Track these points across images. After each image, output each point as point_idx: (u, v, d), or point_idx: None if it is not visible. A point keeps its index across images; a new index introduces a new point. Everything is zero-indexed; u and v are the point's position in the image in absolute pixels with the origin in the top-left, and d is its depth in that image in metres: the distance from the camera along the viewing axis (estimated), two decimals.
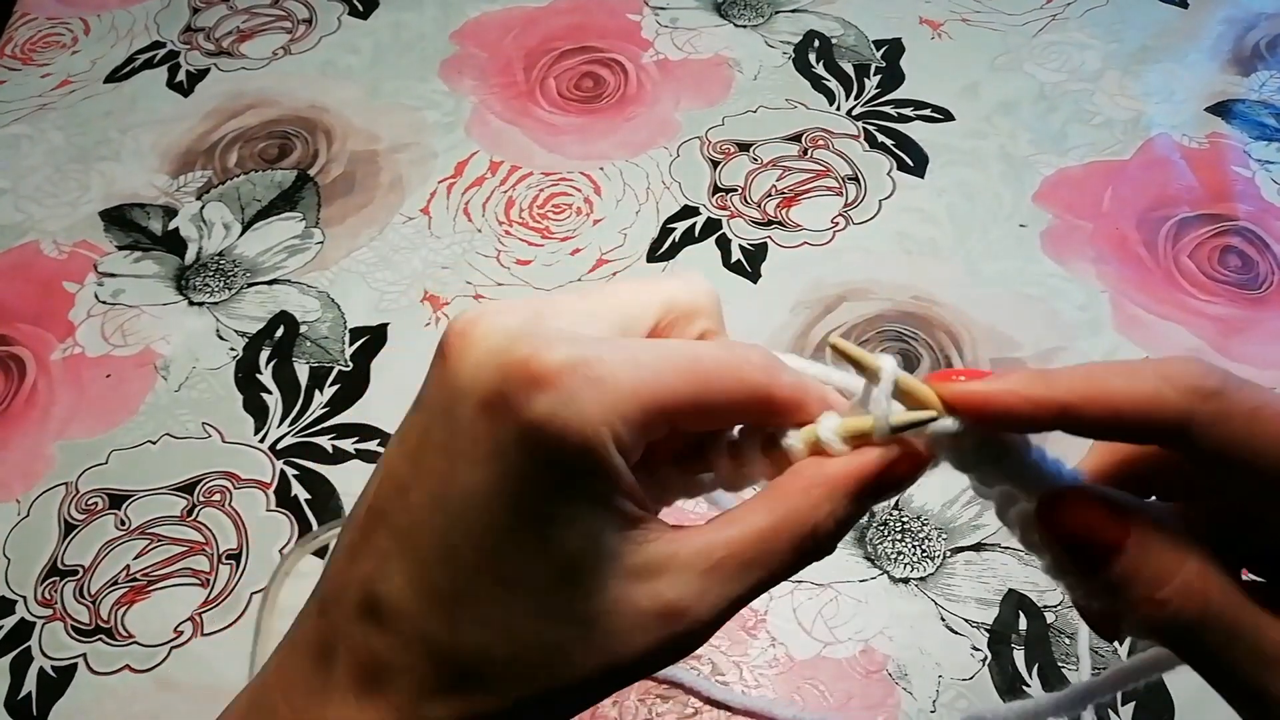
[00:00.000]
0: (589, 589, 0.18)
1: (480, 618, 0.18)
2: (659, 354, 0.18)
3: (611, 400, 0.17)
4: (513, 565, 0.18)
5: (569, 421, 0.17)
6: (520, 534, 0.18)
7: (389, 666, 0.18)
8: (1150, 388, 0.18)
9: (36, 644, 0.41)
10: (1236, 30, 0.65)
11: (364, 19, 0.68)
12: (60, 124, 0.62)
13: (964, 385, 0.20)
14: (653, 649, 0.18)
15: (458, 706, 0.18)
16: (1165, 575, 0.18)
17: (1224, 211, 0.55)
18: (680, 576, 0.18)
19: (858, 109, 0.60)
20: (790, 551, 0.19)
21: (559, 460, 0.17)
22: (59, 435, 0.48)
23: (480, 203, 0.57)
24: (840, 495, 0.19)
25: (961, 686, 0.39)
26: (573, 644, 0.18)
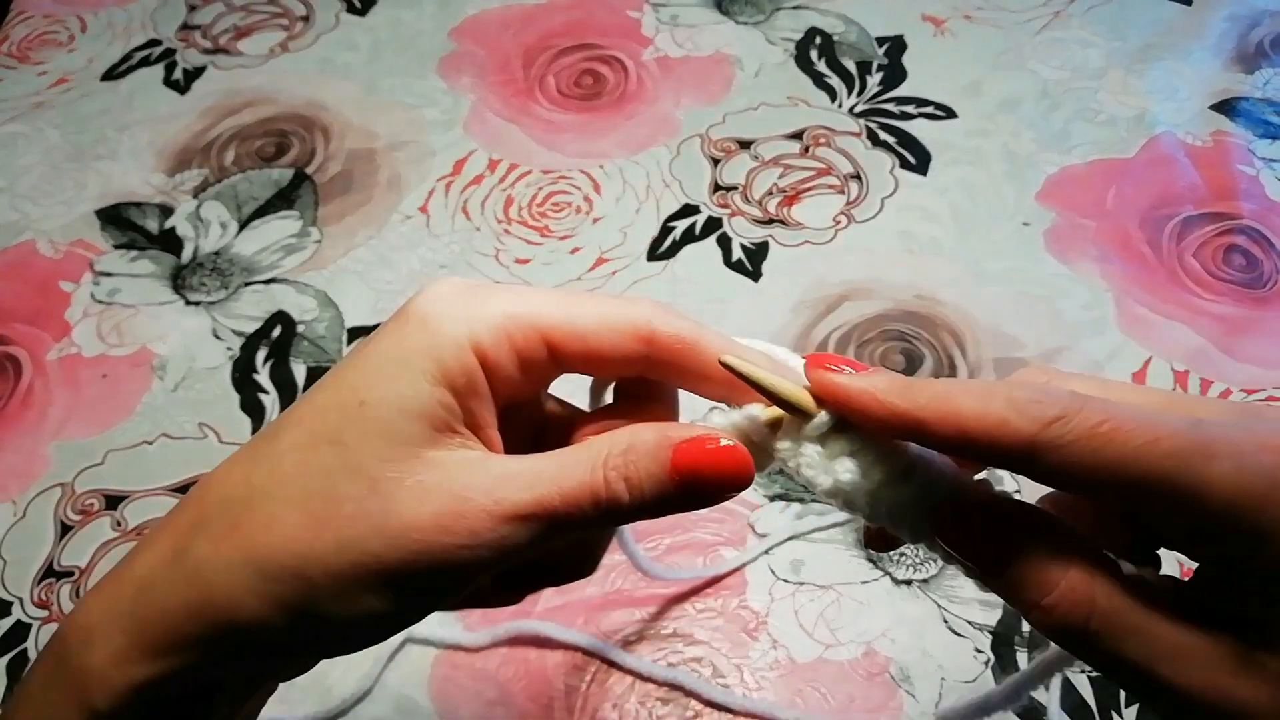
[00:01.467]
0: (384, 454, 0.19)
1: (275, 461, 0.20)
2: (540, 289, 0.21)
3: (479, 307, 0.20)
4: (325, 416, 0.20)
5: (433, 308, 0.20)
6: (341, 384, 0.20)
7: (183, 507, 0.21)
8: (997, 415, 0.18)
9: (33, 646, 0.41)
10: (1240, 28, 0.64)
11: (362, 16, 0.68)
12: (56, 122, 0.61)
13: (831, 377, 0.20)
14: (430, 524, 0.19)
15: (225, 544, 0.19)
16: (1049, 583, 0.19)
17: (1228, 210, 0.54)
18: (478, 473, 0.19)
19: (860, 106, 0.60)
20: (581, 479, 0.20)
21: (408, 335, 0.20)
22: (55, 435, 0.47)
23: (479, 201, 0.56)
24: (640, 440, 0.20)
25: (965, 689, 0.38)
26: (353, 502, 0.19)
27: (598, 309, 0.21)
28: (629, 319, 0.21)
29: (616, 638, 0.40)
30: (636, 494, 0.20)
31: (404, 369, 0.20)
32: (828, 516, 0.43)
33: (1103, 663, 0.19)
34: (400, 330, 0.20)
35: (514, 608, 0.40)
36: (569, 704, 0.38)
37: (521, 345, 0.21)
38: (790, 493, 0.44)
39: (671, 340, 0.21)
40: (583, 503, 0.20)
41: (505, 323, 0.20)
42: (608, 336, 0.21)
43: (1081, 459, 0.18)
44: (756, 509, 0.43)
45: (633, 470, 0.20)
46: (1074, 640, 0.19)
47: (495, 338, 0.20)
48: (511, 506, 0.19)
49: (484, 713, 0.38)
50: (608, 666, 0.39)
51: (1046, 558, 0.19)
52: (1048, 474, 0.18)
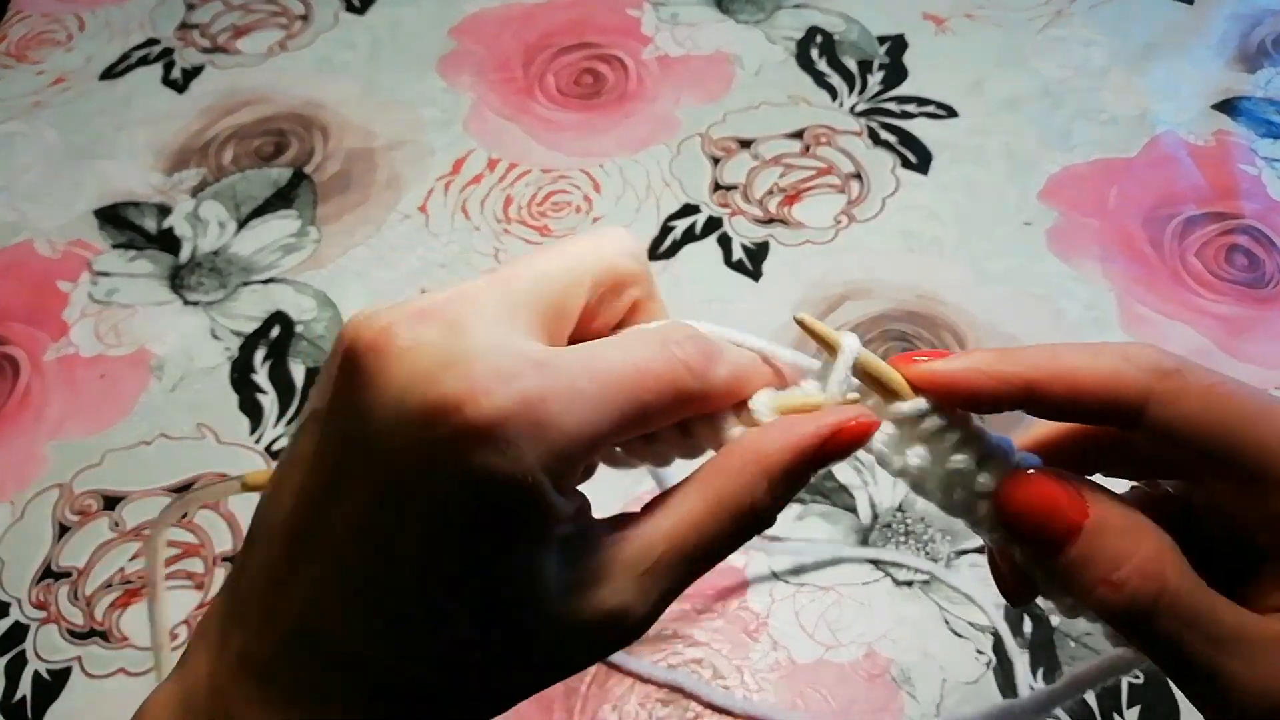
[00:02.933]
0: (531, 613, 0.18)
1: (417, 645, 0.18)
2: (600, 381, 0.17)
3: (552, 444, 0.16)
4: (455, 608, 0.17)
5: (508, 471, 0.16)
6: (455, 574, 0.17)
7: (329, 688, 0.18)
8: (1111, 366, 0.18)
9: (31, 647, 0.41)
10: (1242, 27, 0.64)
11: (361, 14, 0.67)
12: (54, 122, 0.61)
13: (930, 365, 0.20)
14: (595, 653, 0.19)
15: (394, 712, 0.18)
16: (1122, 556, 0.18)
17: (1230, 210, 0.54)
18: (620, 582, 0.18)
19: (861, 105, 0.60)
20: (730, 534, 0.19)
21: (496, 508, 0.16)
22: (52, 436, 0.47)
23: (478, 200, 0.56)
24: (776, 470, 0.19)
25: (966, 690, 0.38)
26: (511, 658, 0.18)
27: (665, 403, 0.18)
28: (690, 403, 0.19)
29: None
30: (783, 505, 0.19)
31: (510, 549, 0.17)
32: (828, 517, 0.43)
33: (1161, 644, 0.18)
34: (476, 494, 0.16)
35: None
36: (568, 705, 0.38)
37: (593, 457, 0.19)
38: None
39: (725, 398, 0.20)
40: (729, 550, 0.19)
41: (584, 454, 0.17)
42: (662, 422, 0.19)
43: (1194, 415, 0.18)
44: None
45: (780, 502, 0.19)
46: (1137, 620, 0.18)
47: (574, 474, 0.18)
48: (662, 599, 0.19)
49: None
50: (607, 668, 0.39)
51: (1121, 528, 0.18)
52: (1157, 427, 0.18)
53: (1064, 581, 0.19)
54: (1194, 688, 0.18)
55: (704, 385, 0.19)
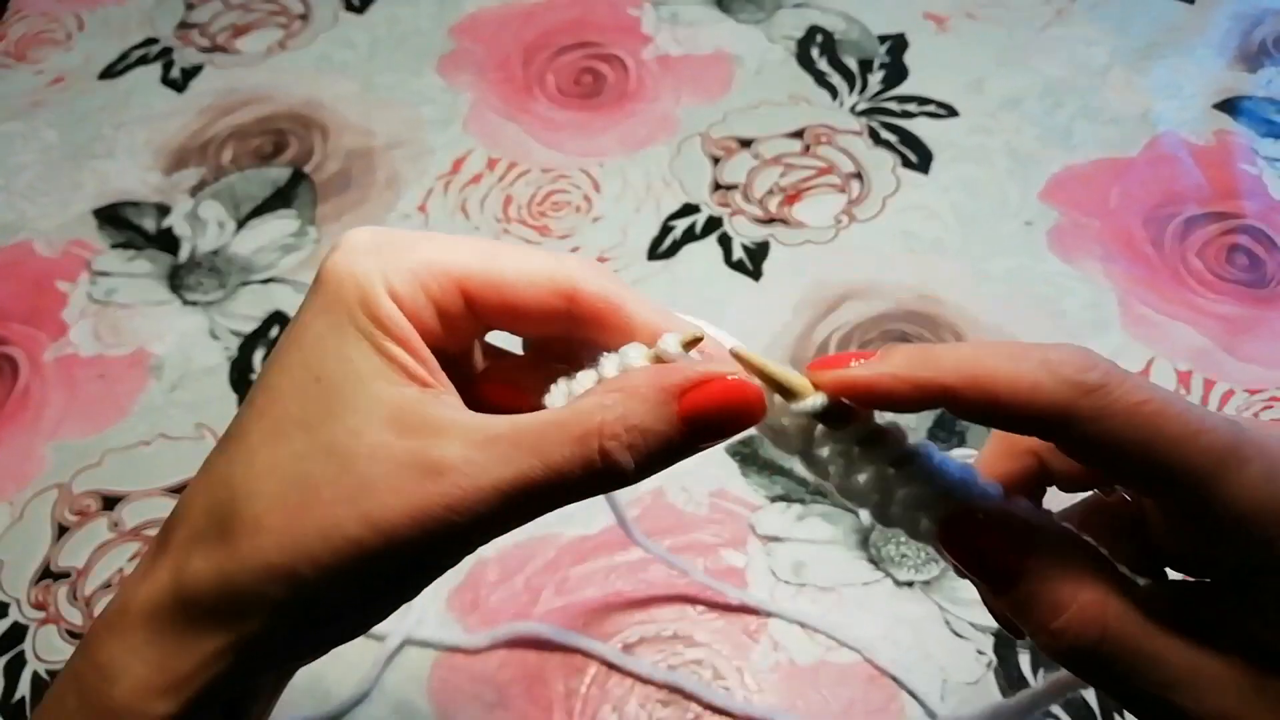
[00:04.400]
0: (350, 428, 0.18)
1: (249, 458, 0.19)
2: (460, 239, 0.21)
3: (392, 257, 0.20)
4: (277, 396, 0.19)
5: (346, 264, 0.19)
6: (290, 364, 0.19)
7: (174, 523, 0.20)
8: (1031, 378, 0.18)
9: (30, 648, 0.41)
10: (1244, 26, 0.64)
11: (360, 14, 0.67)
12: (53, 121, 0.61)
13: (841, 371, 0.19)
14: (411, 510, 0.18)
15: (212, 553, 0.18)
16: (1061, 604, 0.18)
17: (1231, 209, 0.54)
18: (449, 440, 0.18)
19: (861, 105, 0.60)
20: (572, 448, 0.18)
21: (331, 297, 0.19)
22: (52, 436, 0.47)
23: (478, 200, 0.56)
24: (635, 400, 0.18)
25: (967, 691, 0.38)
26: (328, 485, 0.18)
27: (519, 262, 0.20)
28: (551, 273, 0.20)
29: (616, 640, 0.40)
30: (641, 459, 0.18)
31: (341, 333, 0.19)
32: (828, 517, 0.43)
33: (1113, 688, 0.18)
34: (325, 294, 0.20)
35: (514, 609, 0.40)
36: (568, 707, 0.38)
37: (438, 295, 0.20)
38: (791, 494, 0.43)
39: (595, 299, 0.20)
40: (572, 472, 0.18)
41: (420, 270, 0.20)
42: (527, 290, 0.20)
43: (1118, 434, 0.17)
44: (757, 510, 0.43)
45: (637, 440, 0.18)
46: (1083, 665, 0.18)
47: (408, 284, 0.19)
48: (491, 483, 0.18)
49: (483, 715, 0.38)
50: (607, 669, 0.39)
51: (1058, 577, 0.18)
52: (1079, 444, 0.18)
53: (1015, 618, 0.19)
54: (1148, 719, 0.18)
55: (570, 272, 0.20)
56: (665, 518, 0.43)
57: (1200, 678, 0.17)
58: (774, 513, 0.43)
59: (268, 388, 0.20)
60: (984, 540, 0.19)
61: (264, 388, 0.20)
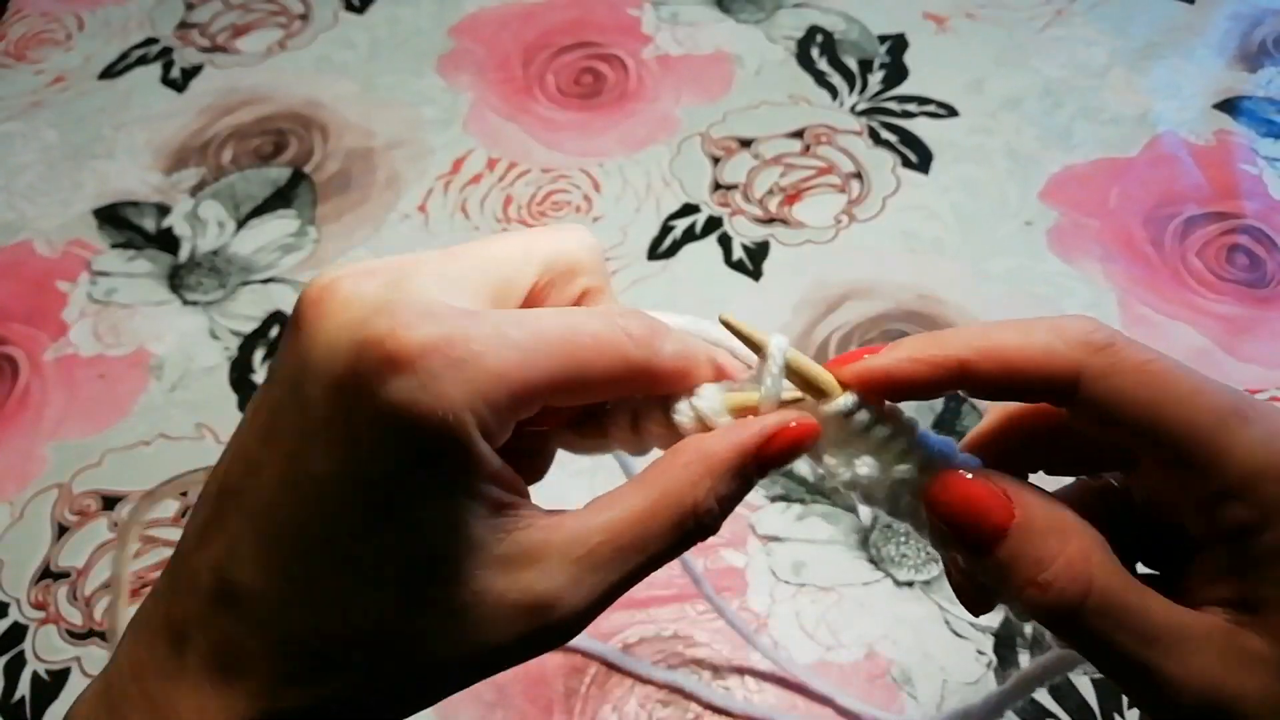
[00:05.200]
0: (451, 578, 0.17)
1: (335, 604, 0.17)
2: (530, 330, 0.17)
3: (475, 383, 0.16)
4: (368, 551, 0.17)
5: (427, 406, 0.16)
6: (374, 520, 0.17)
7: (243, 652, 0.17)
8: (1043, 342, 0.18)
9: (30, 647, 0.41)
10: (1243, 26, 0.64)
11: (360, 14, 0.67)
12: (53, 121, 0.61)
13: (864, 363, 0.19)
14: (520, 642, 0.18)
15: (313, 692, 0.17)
16: (1048, 557, 0.18)
17: (1231, 209, 0.54)
18: (552, 567, 0.18)
19: (861, 105, 0.60)
20: (670, 533, 0.18)
21: (415, 446, 0.16)
22: (52, 436, 0.47)
23: (478, 200, 0.56)
24: (720, 471, 0.19)
25: (967, 691, 0.38)
26: (433, 633, 0.17)
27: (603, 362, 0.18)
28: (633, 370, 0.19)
29: (616, 640, 0.40)
30: (725, 517, 0.19)
31: (444, 498, 0.17)
32: (828, 518, 0.43)
33: (1092, 644, 0.18)
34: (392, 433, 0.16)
35: None
36: (568, 706, 0.38)
37: (523, 415, 0.17)
38: (791, 494, 0.43)
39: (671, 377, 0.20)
40: (670, 554, 0.19)
41: (511, 402, 0.17)
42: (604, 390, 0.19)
43: (1125, 391, 0.17)
44: (757, 510, 0.43)
45: (725, 504, 0.19)
46: (1066, 620, 0.18)
47: (502, 421, 0.17)
48: (601, 594, 0.18)
49: (483, 715, 0.38)
50: (607, 669, 0.39)
51: (1044, 531, 0.18)
52: (1090, 402, 0.18)
53: (996, 581, 0.18)
54: (1128, 685, 0.18)
55: (648, 354, 0.19)
56: None
57: (1183, 635, 0.17)
58: (774, 512, 0.43)
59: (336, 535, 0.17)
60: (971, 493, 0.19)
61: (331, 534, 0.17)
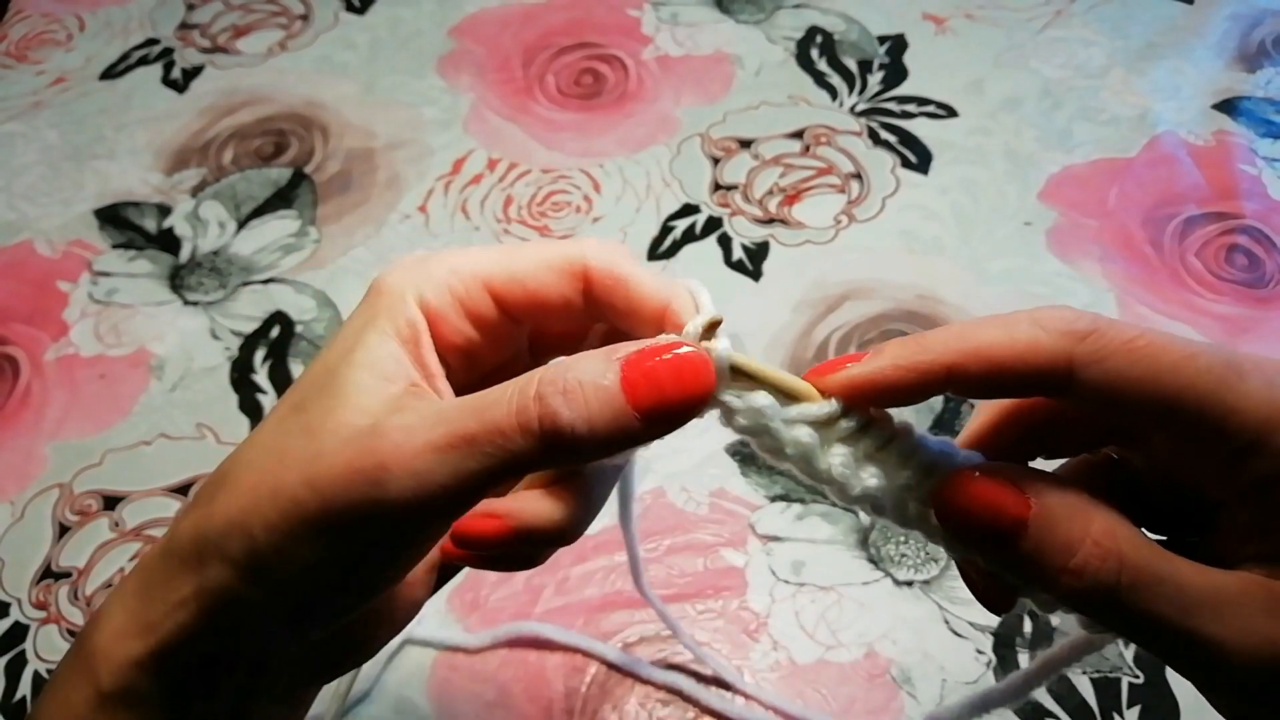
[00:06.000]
0: (326, 408, 0.20)
1: (254, 435, 0.21)
2: (485, 248, 0.22)
3: (424, 269, 0.22)
4: (299, 386, 0.21)
5: (385, 277, 0.22)
6: (316, 357, 0.21)
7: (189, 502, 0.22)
8: (1027, 337, 0.18)
9: (31, 647, 0.41)
10: (1242, 27, 0.64)
11: (361, 14, 0.67)
12: (55, 122, 0.61)
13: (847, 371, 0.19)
14: (346, 469, 0.18)
15: (196, 514, 0.20)
16: (1074, 541, 0.18)
17: (1230, 210, 0.54)
18: (405, 414, 0.19)
19: (861, 105, 0.60)
20: (510, 403, 0.18)
21: (366, 304, 0.22)
22: (53, 436, 0.47)
23: (478, 200, 0.56)
24: (584, 359, 0.18)
25: (966, 690, 0.38)
26: (293, 454, 0.19)
27: (535, 253, 0.22)
28: (564, 257, 0.22)
29: (616, 639, 0.40)
30: (580, 411, 0.18)
31: (362, 333, 0.21)
32: (828, 517, 0.43)
33: (1134, 622, 0.17)
34: (365, 302, 0.22)
35: (514, 609, 0.40)
36: (568, 706, 0.38)
37: (464, 296, 0.22)
38: (791, 494, 0.44)
39: (603, 277, 0.21)
40: (510, 429, 0.18)
41: (448, 277, 0.22)
42: (545, 277, 0.21)
43: (1120, 372, 0.17)
44: (757, 509, 0.43)
45: (574, 387, 0.18)
46: (1105, 601, 0.17)
47: (438, 290, 0.21)
48: (424, 438, 0.18)
49: (483, 714, 0.38)
50: (607, 668, 0.39)
51: (1065, 517, 0.18)
52: (1087, 390, 0.18)
53: (1025, 578, 0.18)
54: (1177, 658, 0.18)
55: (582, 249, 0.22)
56: (665, 518, 0.43)
57: (1223, 598, 0.17)
58: (774, 512, 0.43)
59: (296, 380, 0.22)
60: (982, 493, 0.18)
61: (294, 383, 0.22)
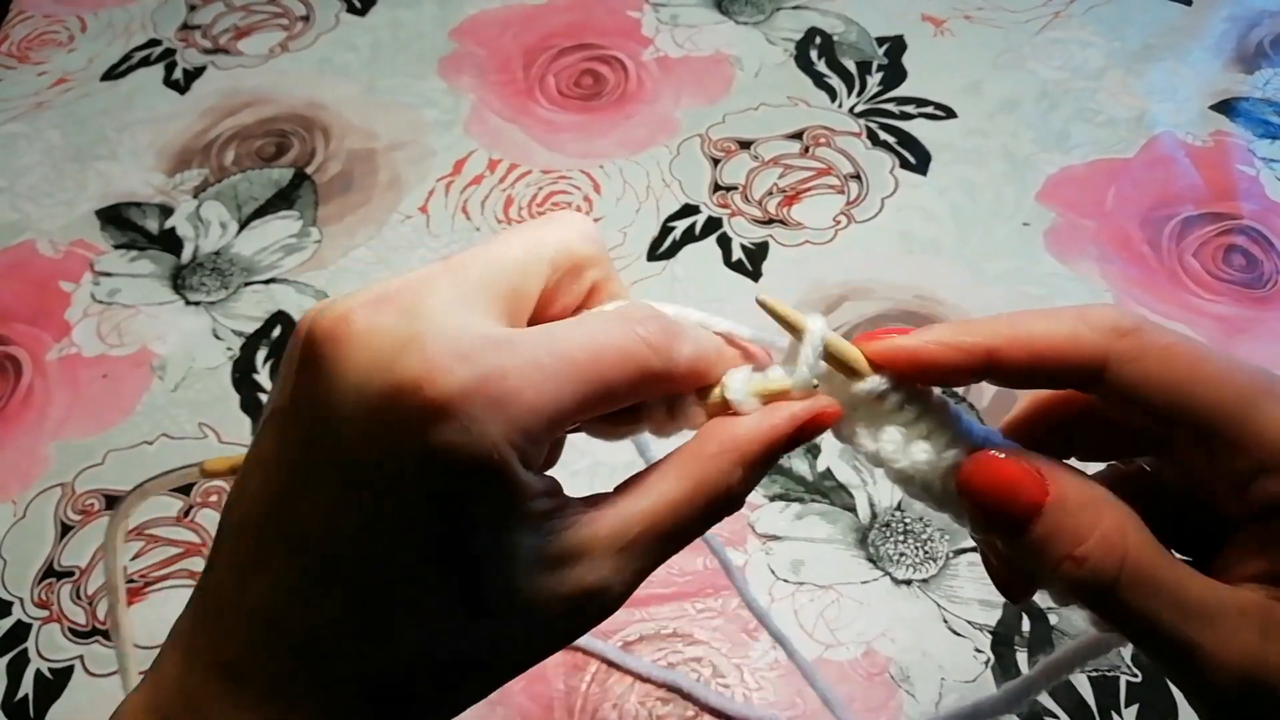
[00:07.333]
0: (508, 594, 0.18)
1: (394, 637, 0.17)
2: (559, 356, 0.17)
3: (514, 420, 0.16)
4: (424, 588, 0.17)
5: (471, 448, 0.16)
6: (428, 558, 0.17)
7: (307, 691, 0.18)
8: (1069, 329, 0.19)
9: (33, 646, 0.41)
10: (1240, 28, 0.64)
11: (362, 16, 0.68)
12: (57, 122, 0.61)
13: (891, 341, 0.20)
14: (574, 630, 0.19)
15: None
16: (1084, 530, 0.18)
17: (1228, 210, 0.54)
18: (597, 559, 0.18)
19: (860, 106, 0.60)
20: (704, 516, 0.19)
21: (463, 486, 0.16)
22: (55, 436, 0.47)
23: (479, 201, 0.56)
24: (750, 457, 0.20)
25: (965, 689, 0.38)
26: (494, 644, 0.18)
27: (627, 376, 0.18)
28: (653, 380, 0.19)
29: (616, 638, 0.40)
30: (753, 484, 0.20)
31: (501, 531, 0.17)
32: (827, 516, 0.43)
33: (1129, 619, 0.18)
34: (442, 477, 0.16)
35: None
36: (569, 704, 0.38)
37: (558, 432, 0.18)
38: (789, 492, 0.44)
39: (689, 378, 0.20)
40: (700, 532, 0.20)
41: (548, 428, 0.17)
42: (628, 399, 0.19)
43: (1153, 374, 0.18)
44: (756, 509, 0.43)
45: (754, 478, 0.20)
46: (1102, 594, 0.18)
47: (539, 450, 0.17)
48: (640, 576, 0.19)
49: (482, 712, 0.38)
50: (608, 666, 0.39)
51: (1079, 507, 0.18)
52: (1117, 386, 0.18)
53: (1032, 561, 0.18)
54: (1166, 661, 0.18)
55: (667, 362, 0.19)
56: None
57: (1220, 610, 0.17)
58: (773, 511, 0.43)
59: (394, 577, 0.17)
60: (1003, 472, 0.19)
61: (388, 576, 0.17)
